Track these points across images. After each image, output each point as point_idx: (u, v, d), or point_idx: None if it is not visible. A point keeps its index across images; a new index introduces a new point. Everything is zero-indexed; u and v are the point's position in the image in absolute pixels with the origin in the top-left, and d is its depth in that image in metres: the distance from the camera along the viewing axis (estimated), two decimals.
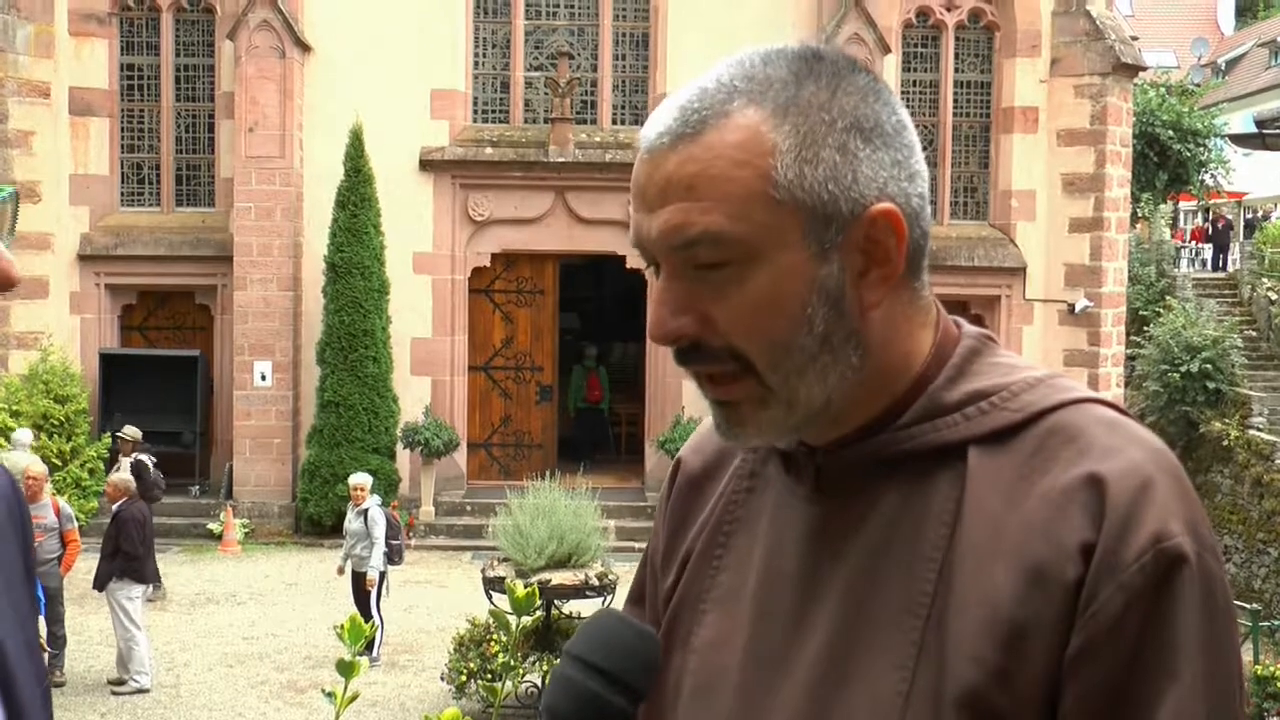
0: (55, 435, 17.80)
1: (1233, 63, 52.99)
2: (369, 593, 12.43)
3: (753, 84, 1.19)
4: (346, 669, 2.51)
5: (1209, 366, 20.70)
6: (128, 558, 11.49)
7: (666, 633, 1.38)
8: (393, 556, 12.77)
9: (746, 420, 1.24)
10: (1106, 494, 1.13)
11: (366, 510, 12.52)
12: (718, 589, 1.35)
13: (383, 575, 12.57)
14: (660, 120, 1.21)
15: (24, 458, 13.37)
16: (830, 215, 1.18)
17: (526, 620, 2.48)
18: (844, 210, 1.18)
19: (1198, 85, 40.71)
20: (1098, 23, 19.90)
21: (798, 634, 1.25)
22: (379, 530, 12.42)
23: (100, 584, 11.52)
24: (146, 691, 11.46)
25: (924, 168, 1.26)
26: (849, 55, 1.26)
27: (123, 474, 12.69)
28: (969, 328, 1.32)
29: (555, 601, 10.70)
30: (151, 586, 12.72)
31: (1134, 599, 1.10)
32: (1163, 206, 28.85)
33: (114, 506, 11.86)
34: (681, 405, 18.74)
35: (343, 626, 2.59)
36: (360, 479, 12.91)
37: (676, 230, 1.18)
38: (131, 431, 15.51)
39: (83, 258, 19.40)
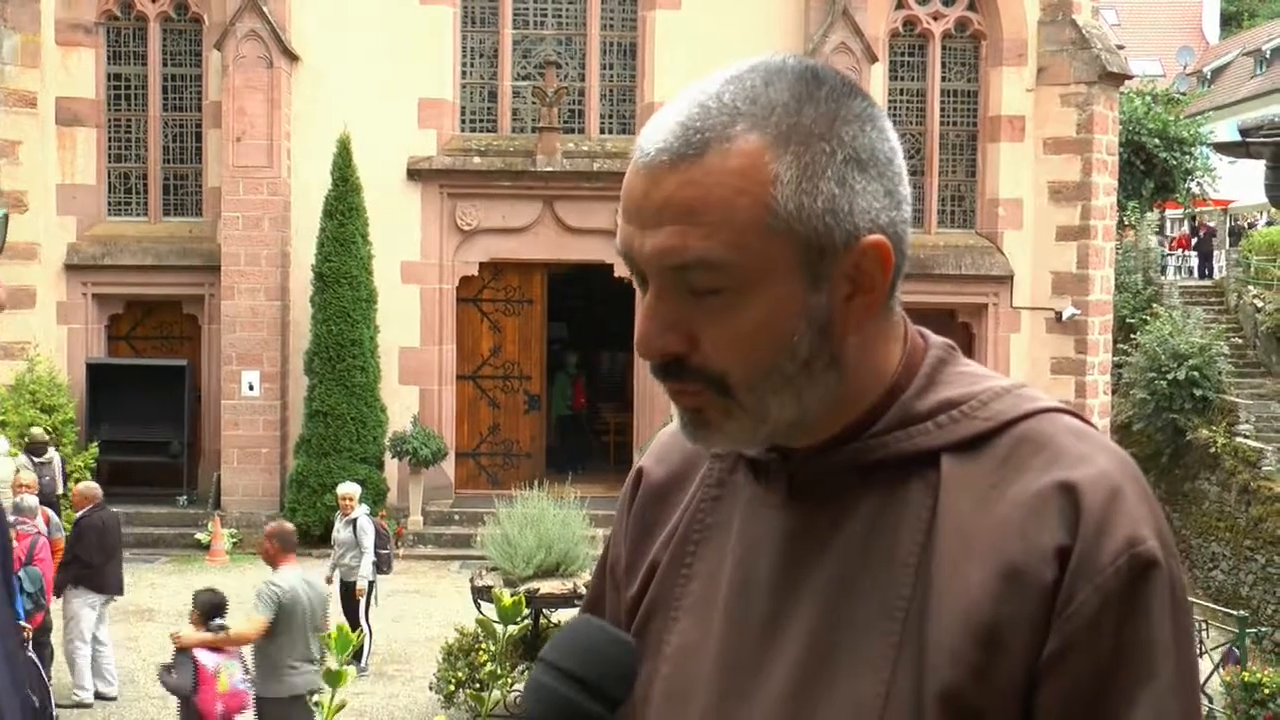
0: None
1: (1218, 71, 53.20)
2: (358, 602, 12.41)
3: (755, 107, 1.19)
4: (333, 678, 2.52)
5: (1196, 374, 20.75)
6: (82, 565, 11.29)
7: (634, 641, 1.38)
8: (381, 566, 12.75)
9: (713, 427, 1.26)
10: (1080, 500, 1.16)
11: (355, 520, 12.50)
12: (689, 597, 1.36)
13: (371, 585, 12.55)
14: (660, 135, 1.21)
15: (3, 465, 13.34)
16: (825, 246, 1.20)
17: (513, 629, 2.48)
18: (837, 241, 1.20)
19: (1183, 94, 40.85)
20: (1084, 32, 19.96)
21: (772, 640, 1.26)
22: (368, 540, 12.40)
23: (58, 591, 11.28)
24: (88, 707, 11.27)
25: (908, 190, 1.28)
26: (846, 76, 1.27)
27: (87, 482, 12.53)
28: (934, 338, 1.34)
29: (543, 610, 10.69)
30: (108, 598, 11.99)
31: (1110, 600, 1.14)
32: (1149, 214, 28.91)
33: (78, 515, 11.68)
34: (670, 414, 18.60)
35: (329, 636, 2.59)
36: (348, 489, 12.88)
37: (672, 252, 1.19)
38: (33, 433, 15.42)
39: (70, 267, 19.37)
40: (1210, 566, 19.54)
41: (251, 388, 18.78)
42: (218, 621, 8.18)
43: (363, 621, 12.22)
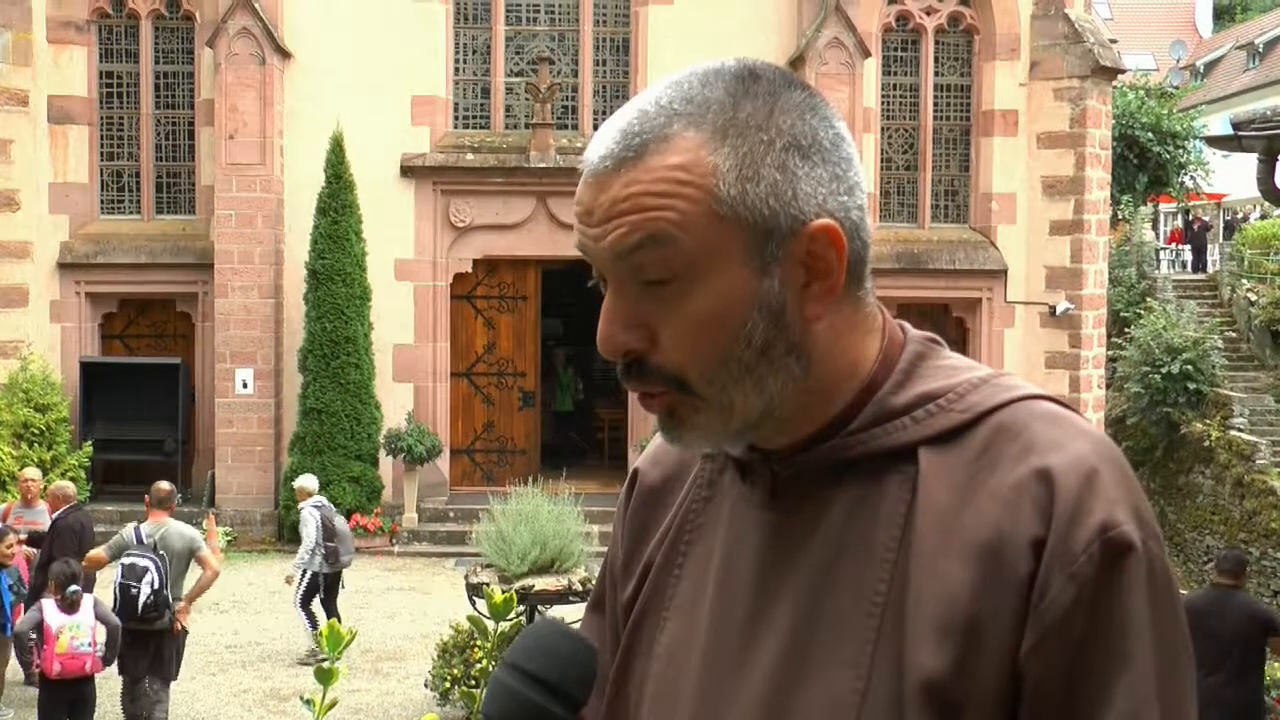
0: (36, 444, 17.71)
1: (1211, 65, 53.22)
2: (335, 596, 12.68)
3: (691, 106, 1.22)
4: (324, 676, 2.51)
5: (1190, 368, 20.75)
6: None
7: (629, 641, 1.40)
8: (329, 558, 12.65)
9: (685, 424, 1.27)
10: (1054, 488, 1.16)
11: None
12: (679, 597, 1.37)
13: (316, 575, 12.58)
14: (602, 143, 1.24)
15: None
16: (771, 231, 1.21)
17: (505, 626, 2.48)
18: (784, 226, 1.21)
19: (1176, 87, 40.85)
20: (1076, 26, 19.96)
21: (753, 639, 1.27)
22: (306, 529, 12.59)
23: (35, 595, 10.54)
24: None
25: (862, 179, 1.29)
26: (786, 72, 1.28)
27: (60, 482, 12.40)
28: (914, 332, 1.35)
29: (538, 607, 10.68)
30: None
31: (1084, 588, 1.14)
32: (1143, 209, 28.90)
33: (52, 516, 11.25)
34: None
35: (320, 633, 2.58)
36: (298, 482, 13.16)
37: (622, 238, 1.21)
38: None
39: (63, 266, 19.32)
40: (1205, 560, 19.55)
41: (245, 385, 18.76)
42: (72, 589, 8.87)
43: (296, 609, 12.46)
